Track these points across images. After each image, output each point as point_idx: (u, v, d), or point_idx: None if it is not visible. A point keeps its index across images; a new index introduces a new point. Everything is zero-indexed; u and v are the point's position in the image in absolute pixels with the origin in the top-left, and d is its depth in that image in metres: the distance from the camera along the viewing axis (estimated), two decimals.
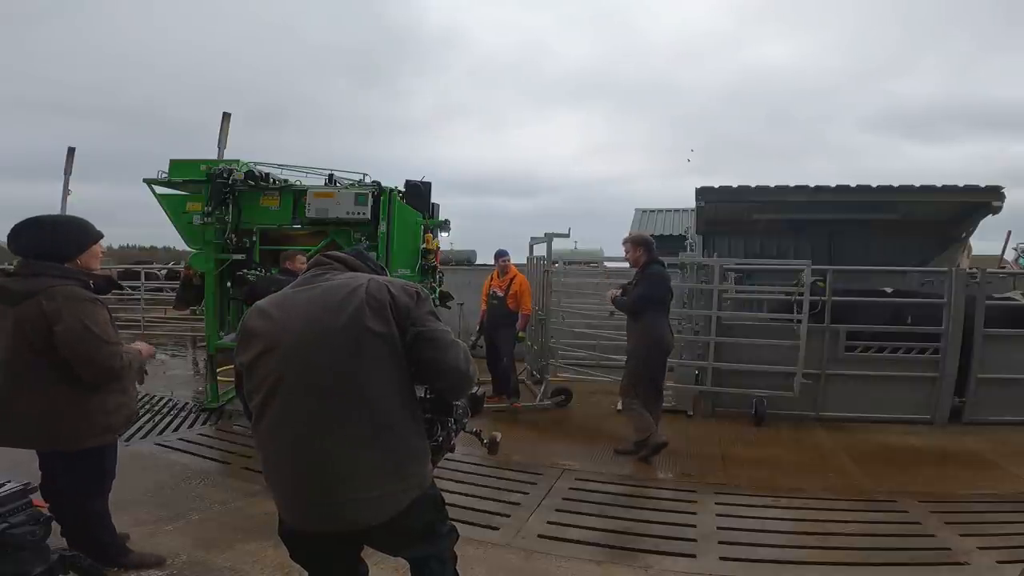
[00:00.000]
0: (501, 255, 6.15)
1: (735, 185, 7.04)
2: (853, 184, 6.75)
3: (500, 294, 6.05)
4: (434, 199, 6.43)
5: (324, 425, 1.49)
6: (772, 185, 6.95)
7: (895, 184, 6.77)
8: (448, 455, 1.92)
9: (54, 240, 2.43)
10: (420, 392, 1.71)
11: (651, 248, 4.71)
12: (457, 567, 1.89)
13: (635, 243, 4.70)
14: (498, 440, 2.07)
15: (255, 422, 1.57)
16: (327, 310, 1.51)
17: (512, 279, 6.08)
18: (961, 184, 6.64)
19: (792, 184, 6.86)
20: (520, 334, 6.28)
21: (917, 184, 6.70)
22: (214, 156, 5.62)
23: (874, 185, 6.78)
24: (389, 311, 1.51)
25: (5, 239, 2.59)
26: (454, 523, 1.85)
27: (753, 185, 6.98)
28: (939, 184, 6.67)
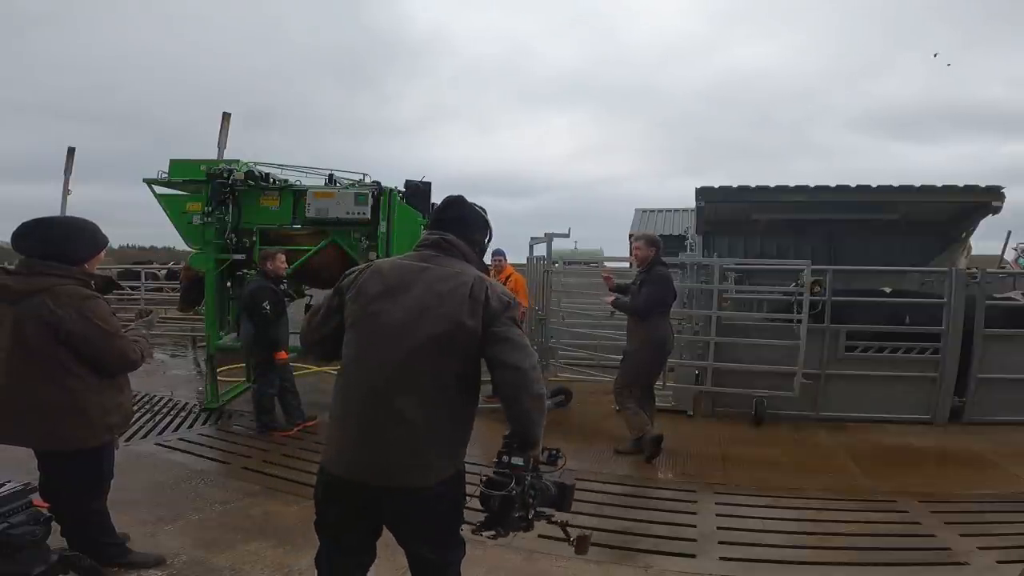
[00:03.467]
0: (496, 255, 6.17)
1: (735, 185, 7.04)
2: (853, 184, 6.75)
3: None
4: (432, 199, 6.42)
5: (401, 389, 1.65)
6: (772, 185, 6.94)
7: (895, 184, 6.77)
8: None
9: (67, 242, 2.44)
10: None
11: (660, 248, 4.76)
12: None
13: (648, 242, 4.74)
14: (588, 536, 1.84)
15: (341, 371, 1.76)
16: (435, 293, 1.70)
17: (507, 277, 6.10)
18: (960, 184, 6.64)
19: (792, 184, 6.86)
20: None
21: (917, 184, 6.70)
22: (204, 156, 5.60)
23: (874, 185, 6.77)
24: (481, 310, 1.69)
25: (7, 240, 2.59)
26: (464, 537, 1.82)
27: (753, 185, 6.98)
28: (939, 184, 6.67)
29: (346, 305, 1.78)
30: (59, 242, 2.42)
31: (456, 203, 1.95)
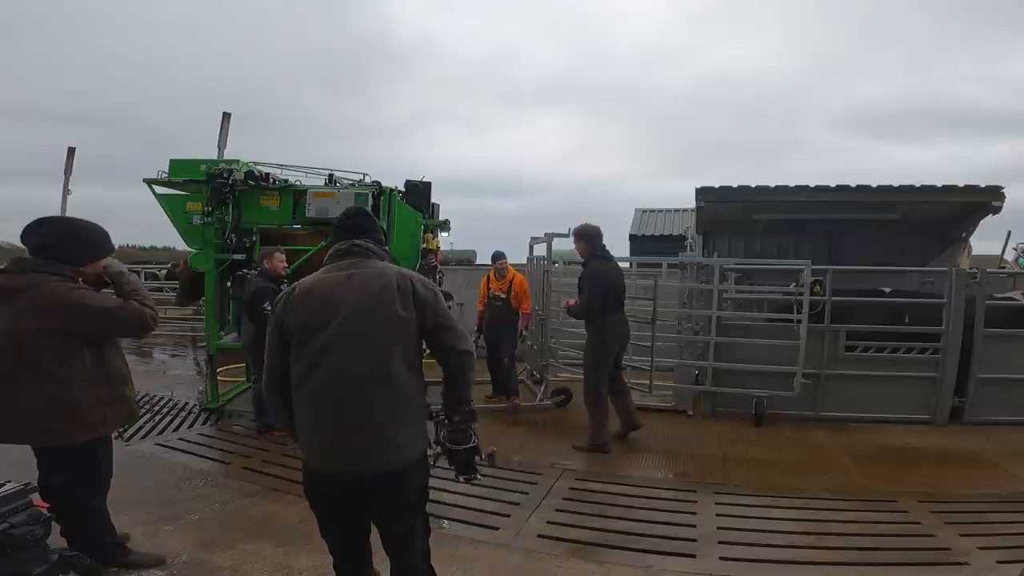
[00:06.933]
0: (499, 258, 6.15)
1: (735, 185, 7.04)
2: (852, 184, 6.75)
3: (503, 295, 6.06)
4: (432, 199, 6.43)
5: (361, 389, 1.82)
6: (772, 185, 6.95)
7: (895, 184, 6.77)
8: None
9: (71, 242, 2.48)
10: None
11: (593, 241, 4.68)
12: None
13: (576, 236, 4.73)
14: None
15: (298, 384, 1.87)
16: (368, 296, 1.86)
17: (512, 280, 6.10)
18: (960, 184, 6.64)
19: (792, 184, 6.86)
20: (524, 332, 6.31)
21: (916, 184, 6.70)
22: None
23: (874, 185, 6.78)
24: (411, 300, 1.88)
25: (7, 240, 2.63)
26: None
27: (753, 185, 6.99)
28: (939, 184, 6.67)
29: (286, 330, 1.90)
30: (61, 242, 2.45)
31: (362, 212, 2.24)
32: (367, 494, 1.90)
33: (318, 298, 1.88)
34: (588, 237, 4.67)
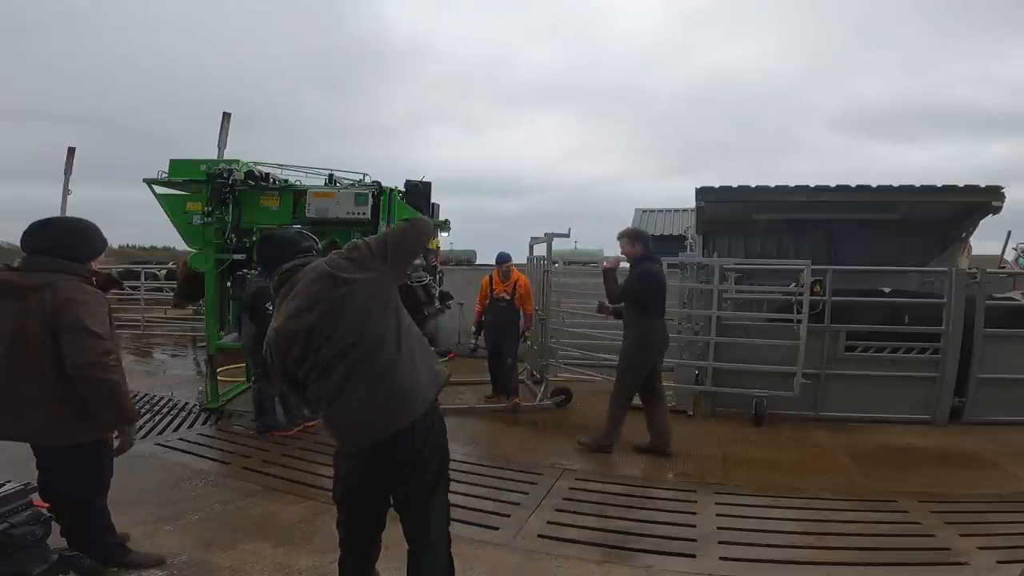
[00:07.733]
0: (505, 260, 6.16)
1: (735, 185, 7.05)
2: (852, 184, 6.76)
3: (508, 297, 6.07)
4: (432, 199, 6.41)
5: (353, 377, 1.93)
6: (772, 185, 6.96)
7: (895, 184, 6.78)
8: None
9: (78, 242, 2.49)
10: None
11: (647, 243, 4.70)
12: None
13: (632, 238, 4.69)
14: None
15: (318, 383, 1.97)
16: (312, 298, 1.97)
17: (516, 282, 6.12)
18: (960, 184, 6.64)
19: (792, 184, 6.87)
20: (528, 332, 6.31)
21: (916, 184, 6.70)
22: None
23: (874, 185, 6.78)
24: (354, 268, 1.97)
25: (8, 240, 2.63)
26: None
27: (753, 185, 6.99)
28: (939, 184, 6.68)
29: (287, 369, 2.03)
30: (69, 241, 2.46)
31: (265, 241, 2.38)
32: (383, 470, 2.00)
33: (286, 332, 1.99)
34: (644, 239, 4.71)
